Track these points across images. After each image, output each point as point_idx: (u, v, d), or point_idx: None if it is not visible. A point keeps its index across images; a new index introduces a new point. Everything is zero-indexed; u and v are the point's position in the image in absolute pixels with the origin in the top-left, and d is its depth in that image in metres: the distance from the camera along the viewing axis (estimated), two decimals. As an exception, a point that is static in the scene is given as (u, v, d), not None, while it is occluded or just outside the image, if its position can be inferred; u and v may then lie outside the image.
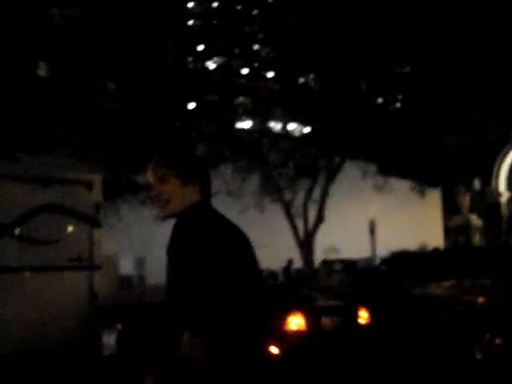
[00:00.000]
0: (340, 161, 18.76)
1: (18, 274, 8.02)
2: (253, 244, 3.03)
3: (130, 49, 18.58)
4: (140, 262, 23.29)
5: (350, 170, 21.30)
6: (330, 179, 18.57)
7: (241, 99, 20.13)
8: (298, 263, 20.55)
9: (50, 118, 12.04)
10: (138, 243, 21.42)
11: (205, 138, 19.03)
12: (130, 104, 18.29)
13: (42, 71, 18.18)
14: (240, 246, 2.86)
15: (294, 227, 18.59)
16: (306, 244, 18.52)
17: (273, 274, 25.96)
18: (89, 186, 8.83)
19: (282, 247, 22.66)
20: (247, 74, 20.59)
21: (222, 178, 19.93)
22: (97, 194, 8.94)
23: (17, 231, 8.02)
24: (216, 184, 12.16)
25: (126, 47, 18.74)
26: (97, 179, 8.97)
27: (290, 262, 20.65)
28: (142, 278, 23.31)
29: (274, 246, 24.24)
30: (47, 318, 8.12)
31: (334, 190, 19.15)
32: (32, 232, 8.13)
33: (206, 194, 3.00)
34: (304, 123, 19.40)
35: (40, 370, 8.18)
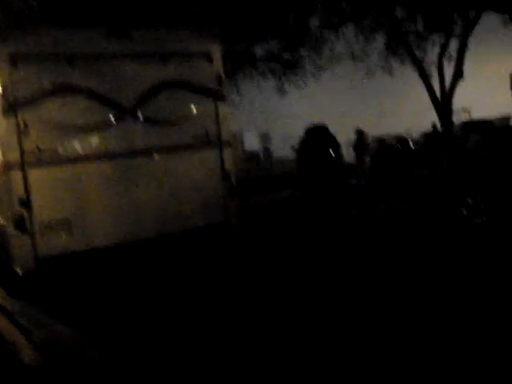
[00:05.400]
0: (475, 14, 16.65)
1: (146, 156, 7.72)
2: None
3: None
4: (265, 137, 22.92)
5: (488, 22, 18.96)
6: (467, 32, 16.58)
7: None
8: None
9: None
10: (262, 117, 20.94)
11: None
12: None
13: None
14: None
15: (429, 86, 16.88)
16: (443, 105, 16.91)
17: (403, 140, 24.74)
18: (208, 57, 8.18)
19: (412, 112, 21.32)
20: None
21: (345, 41, 18.54)
22: (217, 66, 8.30)
23: (140, 112, 7.64)
24: (338, 48, 11.02)
25: None
26: (216, 50, 8.29)
27: (435, 126, 19.14)
28: (267, 152, 23.03)
29: (403, 111, 22.93)
30: (181, 199, 7.88)
31: (470, 44, 17.26)
32: (155, 112, 7.72)
33: None
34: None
35: (178, 252, 8.08)
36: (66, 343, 5.47)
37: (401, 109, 24.76)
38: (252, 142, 21.73)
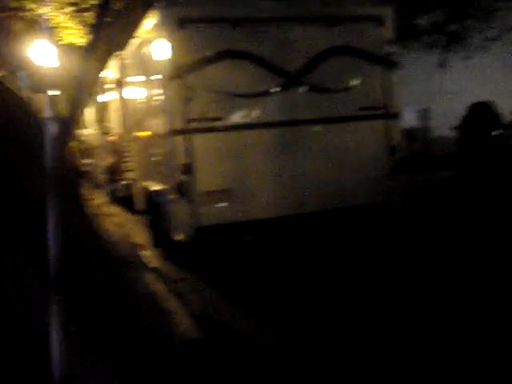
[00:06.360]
0: None
1: (308, 126, 7.32)
2: None
3: None
4: (424, 113, 21.74)
5: None
6: None
7: None
8: None
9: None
10: (421, 92, 19.77)
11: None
12: None
13: None
14: None
15: None
16: None
17: None
18: (379, 21, 7.57)
19: None
20: None
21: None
22: (389, 31, 7.67)
23: (304, 80, 7.23)
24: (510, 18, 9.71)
25: None
26: (388, 13, 7.65)
27: None
28: (426, 130, 21.84)
29: None
30: (343, 173, 7.40)
31: None
32: (320, 79, 7.26)
33: None
34: None
35: (339, 232, 7.64)
36: (225, 315, 5.30)
37: None
38: (411, 118, 20.66)
